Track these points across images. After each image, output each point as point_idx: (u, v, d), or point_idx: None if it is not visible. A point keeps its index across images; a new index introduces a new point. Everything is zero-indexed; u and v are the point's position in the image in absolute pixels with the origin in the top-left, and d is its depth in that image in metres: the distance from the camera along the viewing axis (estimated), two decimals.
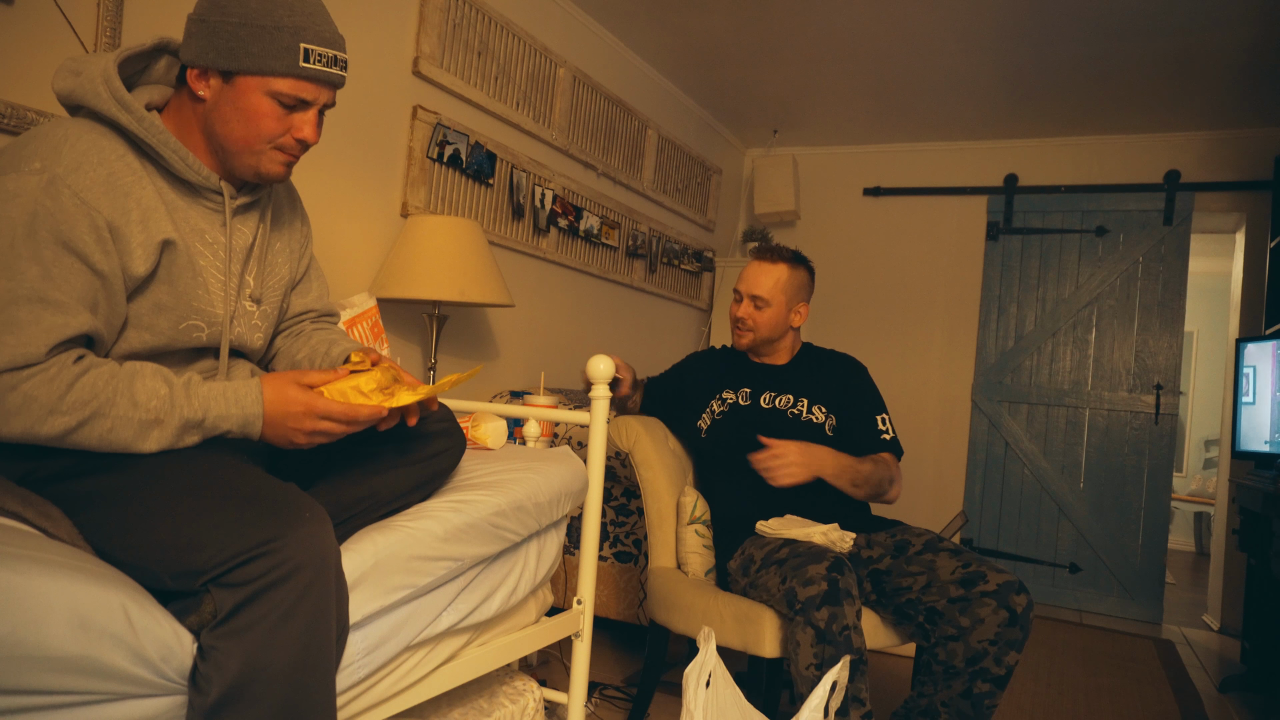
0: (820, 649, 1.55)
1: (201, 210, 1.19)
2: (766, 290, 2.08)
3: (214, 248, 1.20)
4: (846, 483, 1.94)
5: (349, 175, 2.39)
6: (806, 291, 2.15)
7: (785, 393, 2.11)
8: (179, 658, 0.91)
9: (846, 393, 2.11)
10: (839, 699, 1.40)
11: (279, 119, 1.14)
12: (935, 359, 4.50)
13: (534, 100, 3.10)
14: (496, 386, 3.02)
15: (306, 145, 1.19)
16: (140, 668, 0.88)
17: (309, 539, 0.98)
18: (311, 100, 1.16)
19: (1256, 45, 3.11)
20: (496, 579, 1.45)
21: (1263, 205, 3.89)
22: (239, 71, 1.11)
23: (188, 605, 0.95)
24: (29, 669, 0.79)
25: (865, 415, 2.08)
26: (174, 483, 1.04)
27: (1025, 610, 1.65)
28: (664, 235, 4.08)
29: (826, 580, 1.59)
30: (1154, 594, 3.99)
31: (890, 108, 4.09)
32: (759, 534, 1.94)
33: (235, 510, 0.99)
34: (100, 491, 1.04)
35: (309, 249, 1.45)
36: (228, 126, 1.14)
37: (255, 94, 1.12)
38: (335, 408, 1.12)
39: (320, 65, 1.13)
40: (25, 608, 0.79)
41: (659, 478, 2.14)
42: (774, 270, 2.10)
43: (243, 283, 1.25)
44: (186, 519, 0.99)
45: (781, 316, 2.11)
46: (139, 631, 0.87)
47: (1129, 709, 2.61)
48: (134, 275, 1.09)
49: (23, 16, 1.63)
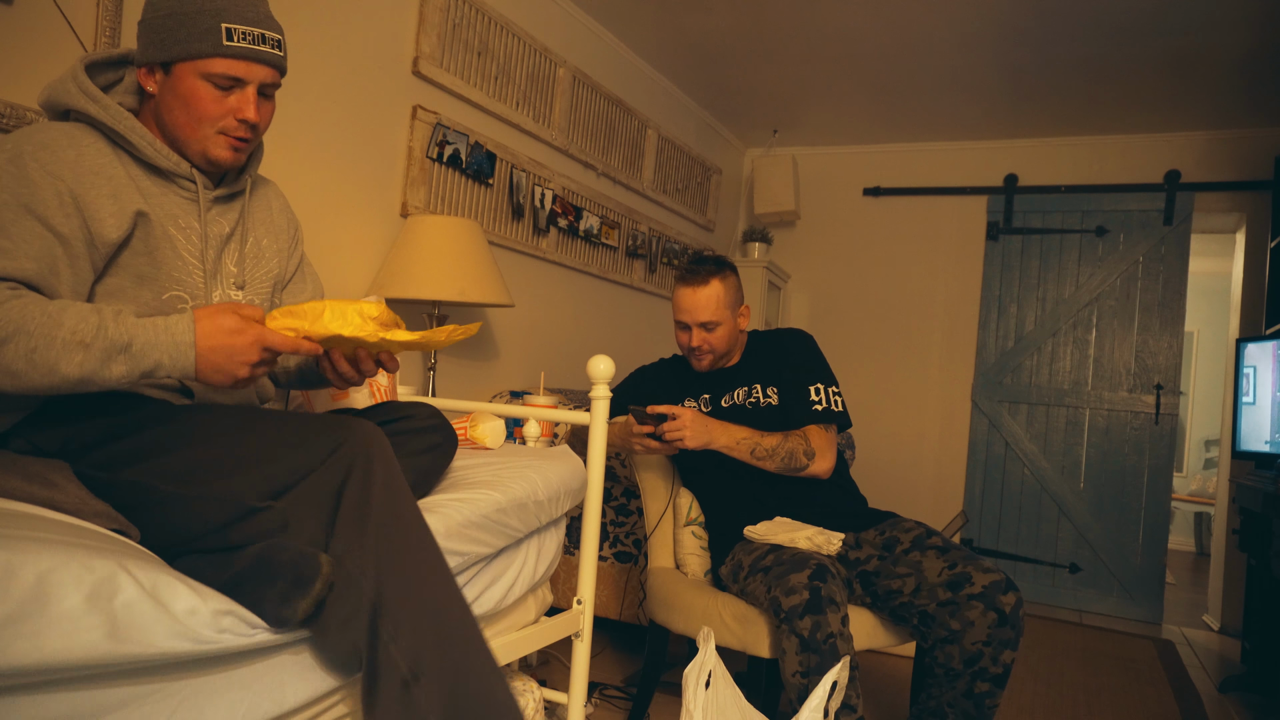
0: (805, 657, 1.55)
1: (176, 198, 1.24)
2: (712, 313, 2.01)
3: (187, 233, 1.24)
4: (745, 454, 1.91)
5: (349, 175, 2.39)
6: (740, 291, 2.09)
7: (739, 385, 2.09)
8: (202, 614, 0.90)
9: (786, 368, 2.07)
10: (839, 699, 1.40)
11: (216, 101, 1.19)
12: (935, 359, 4.50)
13: (534, 100, 3.10)
14: (496, 386, 3.02)
15: (252, 127, 1.23)
16: (161, 628, 0.86)
17: (367, 433, 1.08)
18: (245, 78, 1.19)
19: (1256, 45, 3.10)
20: (494, 575, 1.45)
21: (1263, 205, 3.89)
22: (173, 60, 1.17)
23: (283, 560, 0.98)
24: (40, 645, 0.78)
25: (799, 386, 2.03)
26: (224, 423, 1.11)
27: (1014, 609, 1.65)
28: (664, 235, 4.08)
29: (808, 589, 1.58)
30: (1154, 594, 3.99)
31: (890, 108, 4.09)
32: (747, 539, 1.94)
33: (293, 430, 1.08)
34: (153, 443, 1.09)
35: (299, 250, 1.48)
36: (172, 115, 1.20)
37: (190, 78, 1.17)
38: (277, 339, 1.11)
39: (245, 43, 1.17)
40: (28, 587, 0.78)
41: (658, 478, 2.14)
42: (708, 290, 2.01)
43: (222, 268, 1.29)
44: (251, 445, 1.07)
45: (731, 328, 2.06)
46: (152, 593, 0.86)
47: (1129, 709, 2.61)
48: (107, 239, 1.14)
49: (22, 16, 1.63)
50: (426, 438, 1.33)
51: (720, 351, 2.07)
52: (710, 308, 2.01)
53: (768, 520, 1.95)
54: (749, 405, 2.05)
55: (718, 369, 2.14)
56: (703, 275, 2.01)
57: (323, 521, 1.03)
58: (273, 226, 1.41)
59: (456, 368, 2.82)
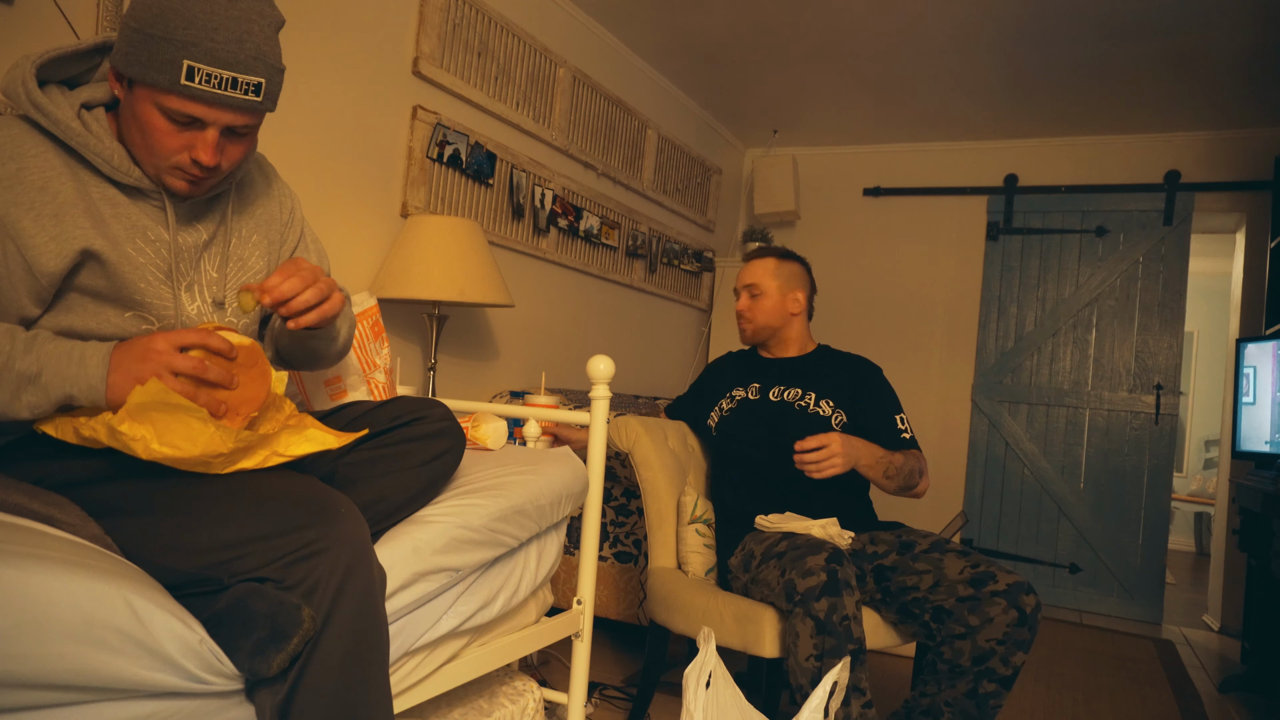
0: (820, 640, 1.55)
1: (147, 206, 1.15)
2: (758, 278, 2.18)
3: (156, 245, 1.15)
4: (880, 474, 1.96)
5: (349, 175, 2.39)
6: (800, 280, 2.20)
7: (794, 386, 2.13)
8: (194, 650, 0.90)
9: (862, 393, 2.11)
10: (839, 699, 1.40)
11: (173, 134, 1.07)
12: (935, 359, 4.50)
13: (534, 100, 3.10)
14: (496, 386, 3.02)
15: (209, 169, 1.10)
16: (150, 661, 0.87)
17: (349, 534, 0.99)
18: (204, 120, 1.06)
19: (1256, 45, 3.10)
20: (497, 583, 1.44)
21: (1263, 205, 3.89)
22: (133, 80, 1.06)
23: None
24: (33, 667, 0.79)
25: (885, 415, 2.09)
26: (203, 487, 1.02)
27: (1034, 611, 1.66)
28: (664, 235, 4.08)
29: (825, 571, 1.59)
30: (1154, 594, 3.99)
31: (890, 108, 4.09)
32: (758, 529, 1.95)
33: (272, 511, 0.99)
34: (125, 498, 1.03)
35: (295, 226, 1.37)
36: (130, 134, 1.10)
37: (145, 104, 1.06)
38: (188, 334, 1.03)
39: (207, 86, 1.03)
40: (26, 605, 0.78)
41: (659, 478, 2.15)
42: (763, 262, 2.20)
43: (201, 275, 1.20)
44: (224, 524, 0.98)
45: (777, 303, 2.16)
46: (147, 624, 0.86)
47: (1129, 709, 2.61)
48: (44, 269, 1.05)
49: (23, 16, 1.63)
50: (436, 444, 1.28)
51: (759, 323, 2.18)
52: (758, 273, 2.19)
53: (778, 513, 1.96)
54: (797, 407, 2.10)
55: (775, 359, 2.21)
56: (766, 251, 2.24)
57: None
58: (262, 217, 1.30)
59: (456, 368, 2.82)
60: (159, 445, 0.96)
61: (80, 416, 1.02)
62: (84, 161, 1.10)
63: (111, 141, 1.11)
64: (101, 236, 1.09)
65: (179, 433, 0.97)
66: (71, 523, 0.99)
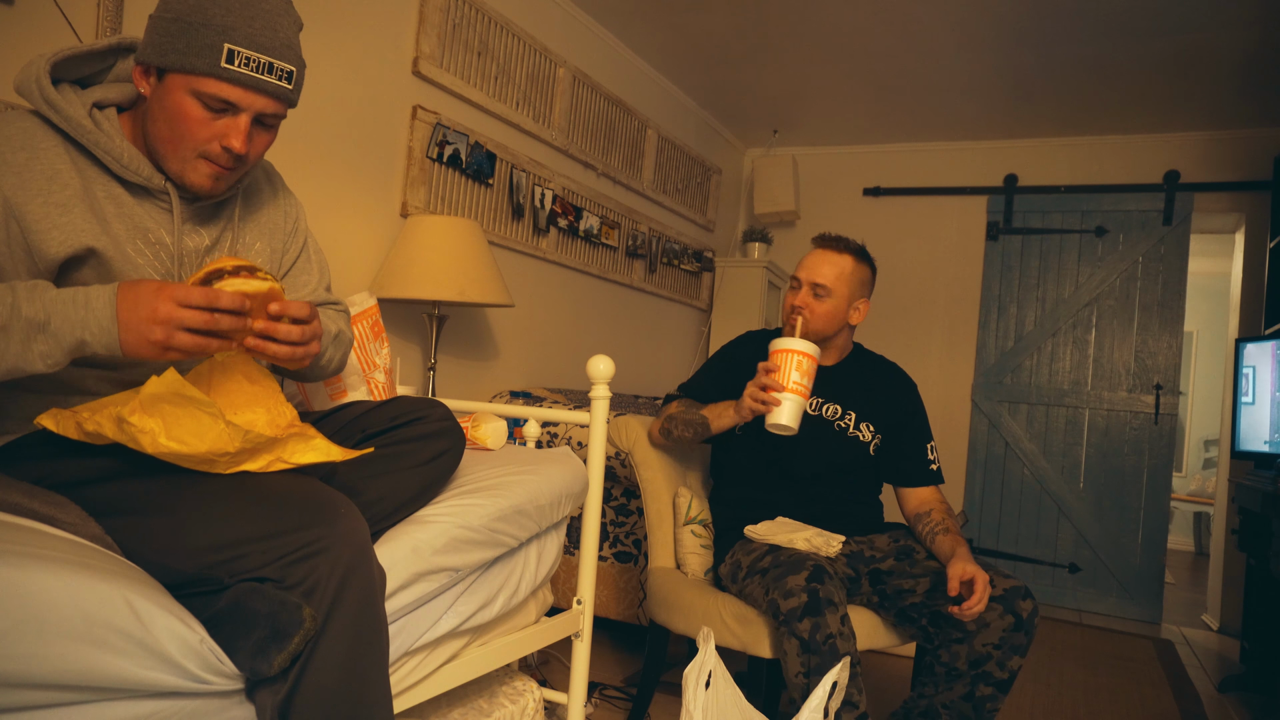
0: (806, 658, 1.55)
1: (152, 208, 1.16)
2: (829, 278, 1.90)
3: (156, 248, 1.16)
4: None
5: (349, 175, 2.39)
6: (869, 288, 1.98)
7: (833, 402, 1.99)
8: (195, 649, 0.90)
9: (897, 414, 2.01)
10: (839, 699, 1.40)
11: (204, 123, 1.09)
12: (935, 359, 4.50)
13: (534, 100, 3.10)
14: (496, 386, 3.02)
15: (237, 157, 1.12)
16: (150, 660, 0.87)
17: (350, 534, 0.99)
18: (239, 105, 1.09)
19: (1256, 45, 3.10)
20: (497, 583, 1.44)
21: (1262, 205, 3.89)
22: (167, 68, 1.08)
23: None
24: (33, 667, 0.79)
25: (917, 443, 1.99)
26: (203, 487, 1.02)
27: (1031, 615, 1.66)
28: (664, 235, 4.08)
29: (806, 591, 1.58)
30: (1153, 594, 3.99)
31: (890, 108, 4.09)
32: (746, 539, 1.94)
33: (273, 511, 0.99)
34: (125, 497, 1.03)
35: (298, 237, 1.38)
36: (155, 126, 1.11)
37: (179, 92, 1.08)
38: (195, 294, 1.00)
39: (246, 69, 1.07)
40: (26, 605, 0.78)
41: (658, 478, 2.14)
42: (839, 260, 1.92)
43: None
44: (224, 524, 0.98)
45: (840, 310, 1.93)
46: (147, 624, 0.86)
47: (1129, 709, 2.61)
48: (47, 255, 1.05)
49: (23, 16, 1.63)
50: (436, 443, 1.29)
51: (815, 327, 1.92)
52: (831, 273, 1.91)
53: (769, 520, 1.95)
54: (837, 428, 1.98)
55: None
56: (844, 246, 1.95)
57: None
58: (267, 225, 1.32)
59: (456, 368, 2.82)
60: (166, 440, 0.96)
61: (83, 411, 1.02)
62: (92, 159, 1.12)
63: (122, 140, 1.13)
64: (104, 235, 1.10)
65: (188, 427, 0.97)
66: (71, 522, 0.99)
